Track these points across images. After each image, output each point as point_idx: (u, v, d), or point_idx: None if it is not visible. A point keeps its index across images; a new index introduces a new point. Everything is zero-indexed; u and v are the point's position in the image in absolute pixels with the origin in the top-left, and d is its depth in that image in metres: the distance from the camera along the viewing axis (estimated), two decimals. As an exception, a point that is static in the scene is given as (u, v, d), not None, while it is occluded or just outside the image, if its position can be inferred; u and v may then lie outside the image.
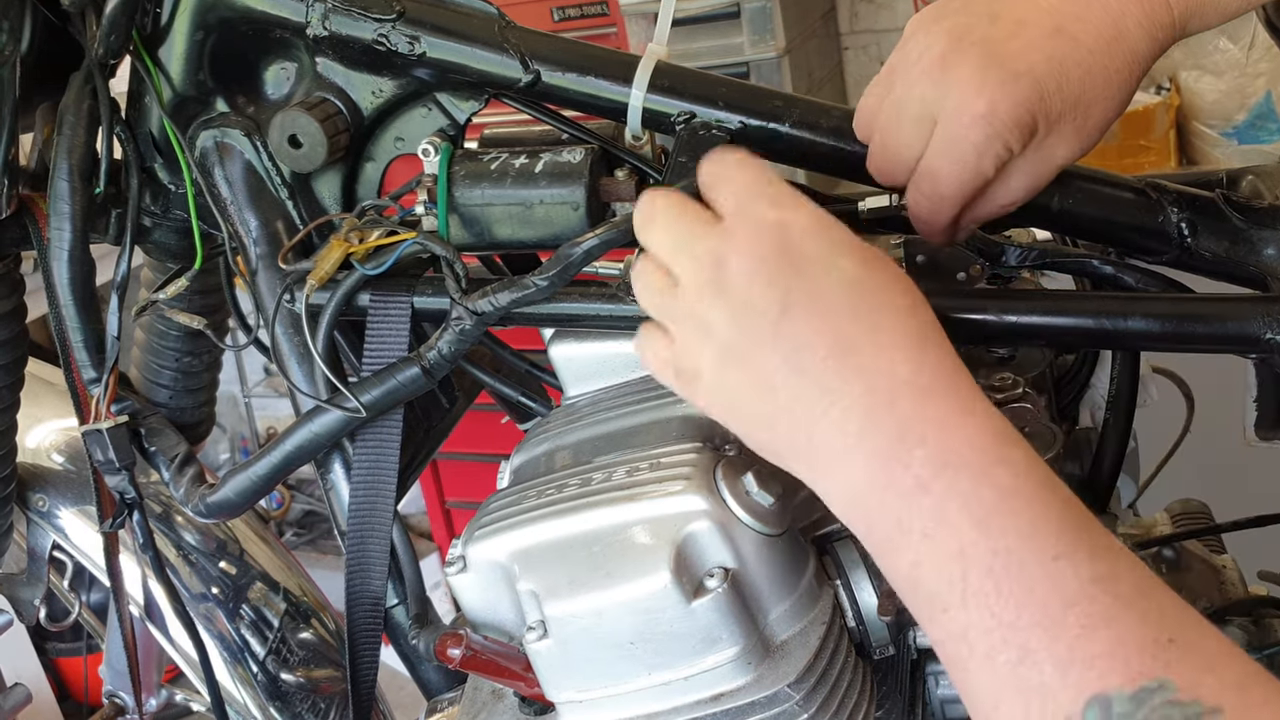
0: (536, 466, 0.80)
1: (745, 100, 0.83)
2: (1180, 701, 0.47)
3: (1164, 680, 0.48)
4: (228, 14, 0.90)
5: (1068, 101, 0.69)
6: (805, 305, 0.60)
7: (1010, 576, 0.52)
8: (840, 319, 0.60)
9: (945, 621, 0.54)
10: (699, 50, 2.68)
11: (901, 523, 0.56)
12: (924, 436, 0.56)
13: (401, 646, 0.94)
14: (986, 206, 0.74)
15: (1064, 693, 0.50)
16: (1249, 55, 2.55)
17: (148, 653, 1.37)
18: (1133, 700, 0.48)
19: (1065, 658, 0.50)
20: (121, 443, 0.95)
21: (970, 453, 0.56)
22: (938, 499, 0.55)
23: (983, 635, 0.52)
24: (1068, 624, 0.51)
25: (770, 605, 0.69)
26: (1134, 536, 1.08)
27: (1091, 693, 0.49)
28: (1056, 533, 0.53)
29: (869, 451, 0.57)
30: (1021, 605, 0.52)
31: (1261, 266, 0.79)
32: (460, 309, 0.83)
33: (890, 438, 0.57)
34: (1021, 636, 0.51)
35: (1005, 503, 0.54)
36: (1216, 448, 1.14)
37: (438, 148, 0.87)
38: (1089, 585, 0.51)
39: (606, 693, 0.70)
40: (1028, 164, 0.72)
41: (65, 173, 0.89)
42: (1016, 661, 0.51)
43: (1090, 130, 0.71)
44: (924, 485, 0.56)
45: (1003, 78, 0.68)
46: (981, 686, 0.53)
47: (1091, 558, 0.52)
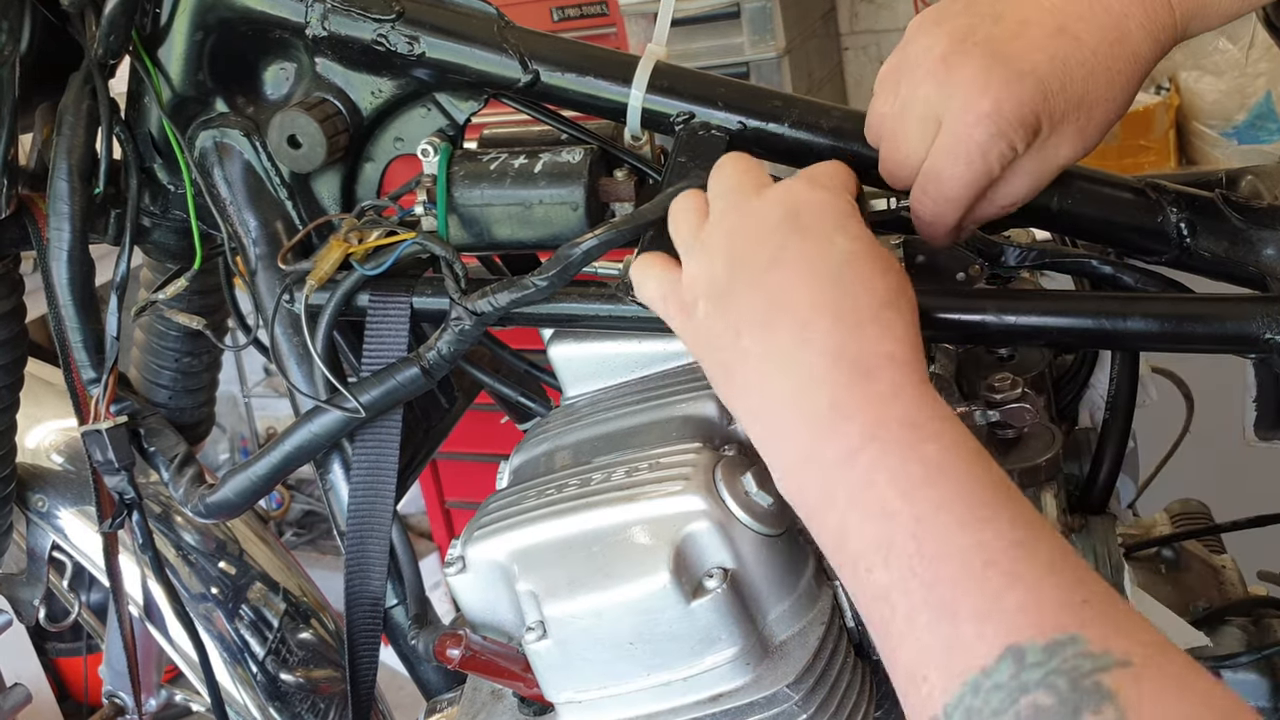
0: (536, 467, 0.80)
1: (745, 100, 0.83)
2: (1092, 653, 0.49)
3: (1076, 634, 0.50)
4: (227, 14, 0.90)
5: (1070, 101, 0.69)
6: (792, 265, 0.64)
7: (933, 538, 0.54)
8: (820, 287, 0.63)
9: (870, 583, 0.56)
10: (699, 50, 2.68)
11: (828, 488, 0.59)
12: (857, 410, 0.59)
13: (401, 647, 0.94)
14: (988, 207, 0.74)
15: (979, 644, 0.51)
16: (1249, 55, 2.55)
17: (147, 653, 1.37)
18: (1045, 650, 0.49)
19: (982, 611, 0.52)
20: (121, 443, 0.95)
21: (900, 428, 0.58)
22: (864, 470, 0.58)
23: (904, 595, 0.54)
24: (987, 581, 0.52)
25: (769, 605, 0.69)
26: (1134, 536, 1.08)
27: (1006, 644, 0.50)
28: (980, 502, 0.55)
29: (806, 415, 0.61)
30: (942, 564, 0.54)
31: (1261, 267, 0.79)
32: (459, 309, 0.83)
33: (826, 406, 0.60)
34: (940, 594, 0.53)
35: (931, 475, 0.56)
36: (1216, 448, 1.14)
37: (437, 148, 0.87)
38: (1010, 548, 0.53)
39: (605, 693, 0.70)
40: (1030, 164, 0.72)
41: (64, 173, 0.89)
42: (936, 618, 0.53)
43: (1092, 131, 0.71)
44: (854, 454, 0.58)
45: (1007, 77, 0.68)
46: (903, 646, 0.54)
47: (1013, 525, 0.54)
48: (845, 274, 0.64)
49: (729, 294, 0.66)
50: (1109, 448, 0.96)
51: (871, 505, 0.57)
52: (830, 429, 0.59)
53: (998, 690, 0.50)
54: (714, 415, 0.76)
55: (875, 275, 0.64)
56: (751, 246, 0.66)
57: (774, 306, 0.64)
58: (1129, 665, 0.48)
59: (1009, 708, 0.49)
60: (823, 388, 0.61)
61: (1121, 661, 0.48)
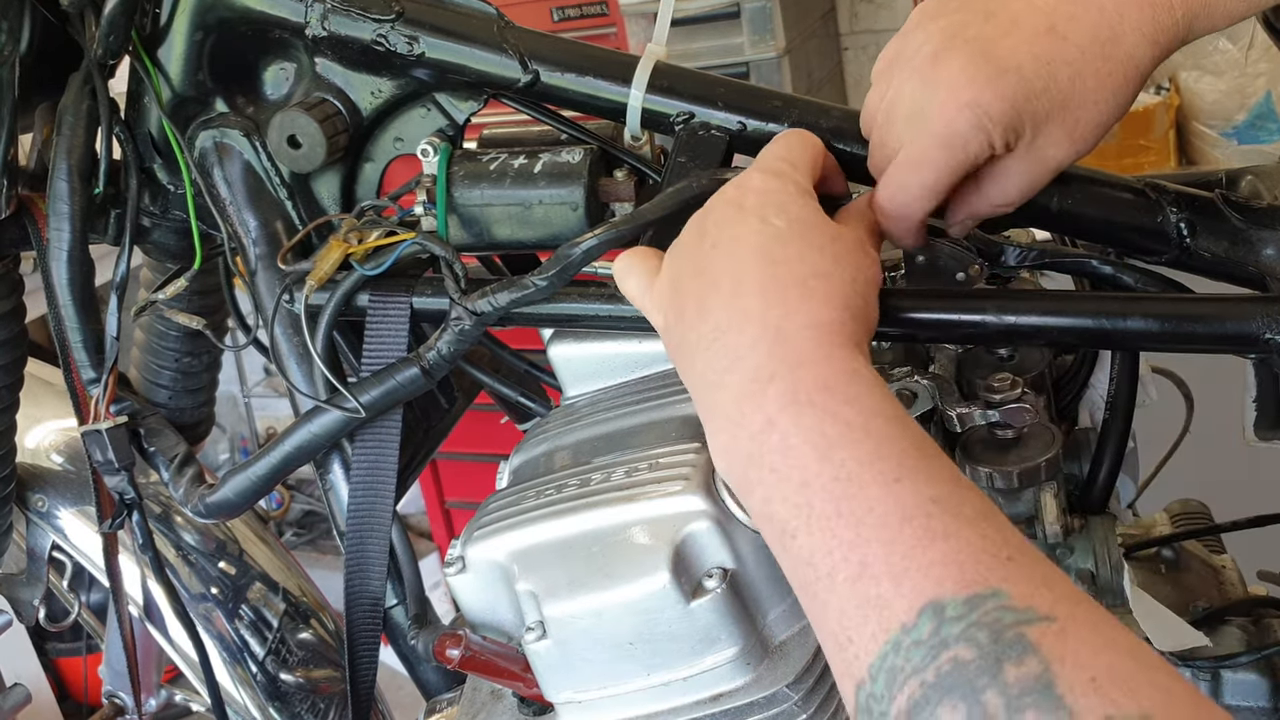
0: (535, 467, 0.80)
1: (744, 100, 0.83)
2: (1014, 608, 0.48)
3: (998, 589, 0.49)
4: (227, 14, 0.90)
5: (1055, 101, 0.69)
6: (727, 246, 0.65)
7: (850, 498, 0.54)
8: (747, 264, 0.64)
9: (794, 548, 0.56)
10: (699, 50, 2.68)
11: (753, 458, 0.59)
12: (774, 375, 0.59)
13: (400, 647, 0.94)
14: (981, 204, 0.75)
15: (899, 601, 0.51)
16: (1249, 55, 2.55)
17: (147, 653, 1.37)
18: (966, 604, 0.49)
19: (900, 568, 0.51)
20: (120, 443, 0.95)
21: (816, 393, 0.58)
22: (783, 434, 0.57)
23: (825, 556, 0.54)
24: (904, 537, 0.52)
25: (769, 605, 0.70)
26: (1134, 536, 1.08)
27: (926, 599, 0.50)
28: (899, 460, 0.55)
29: (731, 389, 0.61)
30: (860, 523, 0.53)
31: (1261, 267, 0.79)
32: (459, 309, 0.83)
33: (747, 376, 0.60)
34: (859, 553, 0.53)
35: (848, 435, 0.56)
36: (1216, 448, 1.14)
37: (437, 148, 0.87)
38: (928, 504, 0.53)
39: (605, 693, 0.70)
40: (1020, 164, 0.72)
41: (64, 173, 0.89)
42: (855, 577, 0.52)
43: (1084, 132, 0.71)
44: (772, 422, 0.58)
45: (990, 73, 0.69)
46: (827, 607, 0.54)
47: (934, 482, 0.54)
48: (773, 249, 0.64)
49: (677, 283, 0.67)
50: (1109, 448, 0.95)
51: (791, 470, 0.56)
52: (751, 400, 0.59)
53: (918, 647, 0.49)
54: (714, 415, 0.76)
55: (809, 249, 0.64)
56: (697, 241, 0.68)
57: (708, 288, 0.65)
58: (1052, 620, 0.48)
59: (930, 664, 0.48)
60: (746, 360, 0.61)
61: (1045, 616, 0.48)
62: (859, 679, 0.51)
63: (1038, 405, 0.85)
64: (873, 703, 0.51)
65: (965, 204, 0.75)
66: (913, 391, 0.86)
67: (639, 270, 0.72)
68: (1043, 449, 0.86)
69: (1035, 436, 0.87)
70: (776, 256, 0.64)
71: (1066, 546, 0.92)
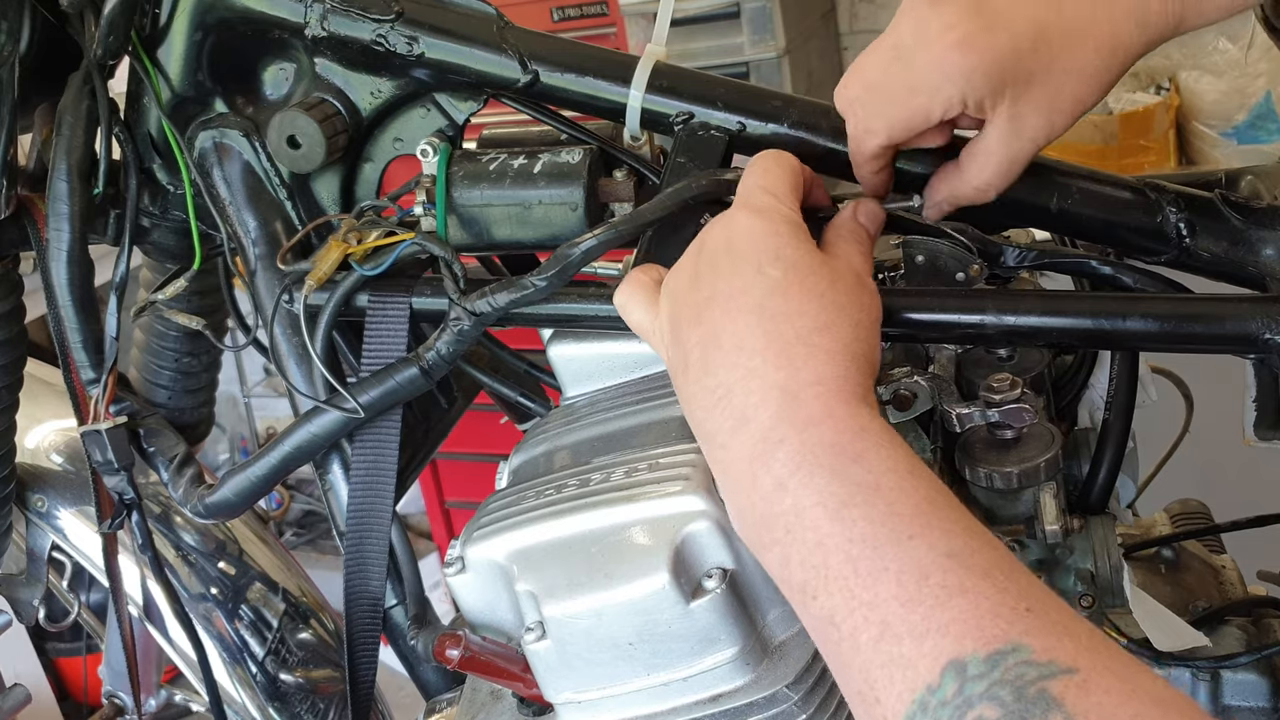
0: (535, 467, 0.80)
1: (744, 100, 0.83)
2: (1036, 662, 0.48)
3: (1019, 644, 0.49)
4: (226, 14, 0.90)
5: (1040, 65, 0.70)
6: (724, 300, 0.65)
7: (865, 558, 0.54)
8: (747, 321, 0.63)
9: (814, 608, 0.56)
10: (699, 50, 2.68)
11: (767, 521, 0.59)
12: (783, 438, 0.59)
13: (400, 647, 0.94)
14: (960, 185, 0.75)
15: (922, 661, 0.50)
16: (1249, 55, 2.55)
17: (147, 653, 1.37)
18: (987, 662, 0.49)
19: (921, 627, 0.51)
20: (120, 443, 0.95)
21: (824, 453, 0.58)
22: (795, 497, 0.57)
23: (846, 616, 0.54)
24: (922, 596, 0.52)
25: (768, 606, 0.69)
26: (1133, 536, 1.08)
27: (948, 658, 0.50)
28: (911, 516, 0.55)
29: (740, 450, 0.61)
30: (878, 583, 0.53)
31: (1260, 267, 0.79)
32: (458, 309, 0.83)
33: (756, 438, 0.60)
34: (880, 613, 0.53)
35: (859, 495, 0.56)
36: (1215, 448, 1.14)
37: (436, 148, 0.87)
38: (943, 559, 0.53)
39: (605, 693, 0.70)
40: (998, 135, 0.72)
41: (64, 173, 0.89)
42: (878, 637, 0.52)
43: (1063, 105, 0.71)
44: (782, 485, 0.58)
45: (982, 25, 0.70)
46: (852, 666, 0.54)
47: (947, 536, 0.54)
48: (770, 304, 0.63)
49: (676, 334, 0.67)
50: (1108, 448, 0.95)
51: (806, 532, 0.56)
52: (760, 461, 0.59)
53: (944, 707, 0.49)
54: (713, 415, 0.76)
55: (808, 300, 0.64)
56: (692, 286, 0.67)
57: (708, 344, 0.64)
58: (1075, 672, 0.47)
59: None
60: (753, 422, 0.61)
61: (1067, 669, 0.48)
62: None
63: (1037, 405, 0.85)
64: None
65: (945, 183, 0.76)
66: (912, 392, 0.86)
67: (641, 302, 0.72)
68: (1042, 449, 0.86)
69: (1035, 437, 0.87)
70: (776, 311, 0.63)
71: (1066, 547, 0.92)
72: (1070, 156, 0.81)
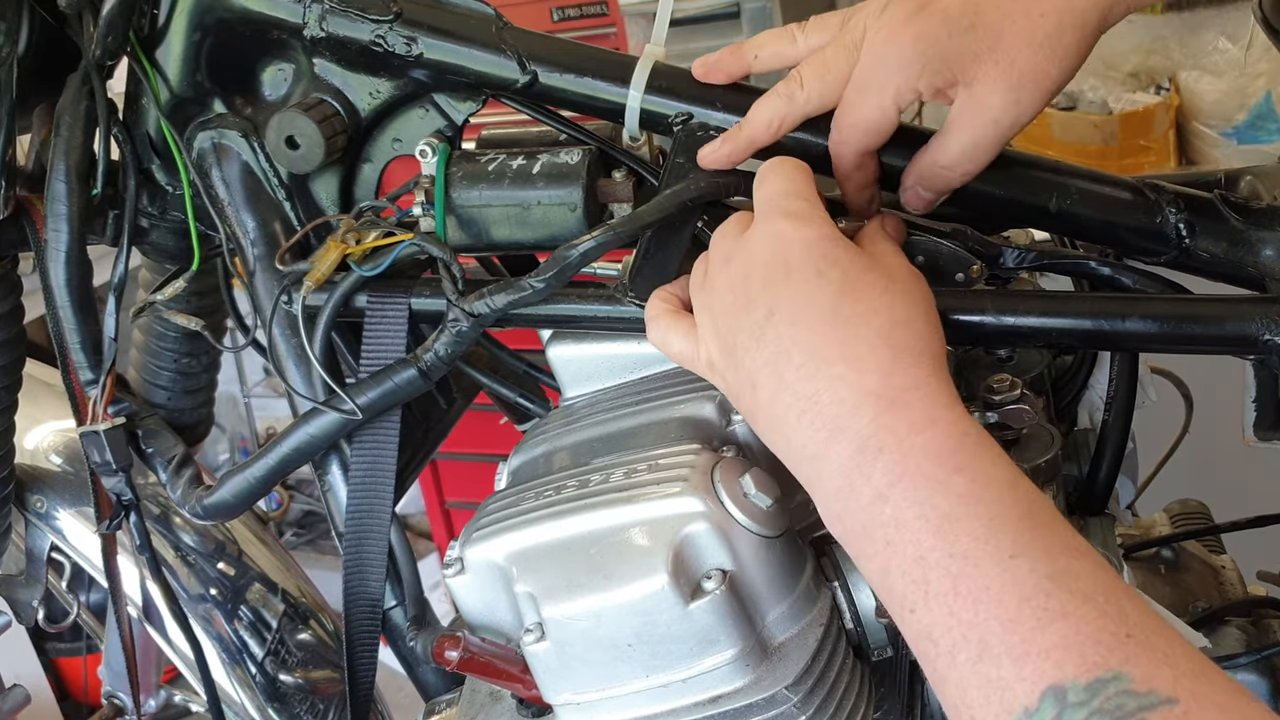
0: (535, 468, 0.80)
1: (743, 101, 0.82)
2: (1136, 692, 0.48)
3: (1119, 672, 0.49)
4: (225, 15, 0.90)
5: (983, 42, 0.69)
6: (788, 312, 0.63)
7: (967, 576, 0.53)
8: (819, 329, 0.62)
9: (913, 622, 0.55)
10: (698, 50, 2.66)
11: (867, 531, 0.58)
12: (883, 447, 0.58)
13: (399, 648, 0.94)
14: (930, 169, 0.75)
15: (1020, 685, 0.50)
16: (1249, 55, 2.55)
17: (146, 654, 1.37)
18: (1088, 690, 0.48)
19: (1020, 651, 0.51)
20: (119, 444, 0.95)
21: (927, 463, 0.57)
22: (895, 508, 0.57)
23: (945, 633, 0.53)
24: (1023, 618, 0.51)
25: (768, 607, 0.69)
26: (1133, 537, 1.08)
27: (1048, 683, 0.49)
28: (1014, 534, 0.54)
29: (836, 460, 0.60)
30: (978, 603, 0.53)
31: (1260, 267, 0.79)
32: (457, 311, 0.83)
33: (853, 448, 0.59)
34: (979, 633, 0.52)
35: (961, 508, 0.55)
36: (1215, 448, 1.14)
37: (435, 149, 0.87)
38: (1045, 581, 0.52)
39: (604, 695, 0.70)
40: (960, 112, 0.72)
41: (62, 174, 0.89)
42: (976, 658, 0.52)
43: (1020, 79, 0.70)
44: (883, 495, 0.57)
45: (911, 11, 0.70)
46: (948, 683, 0.53)
47: (1049, 556, 0.53)
48: (841, 309, 0.63)
49: (735, 349, 0.66)
50: (1108, 448, 0.95)
51: (906, 545, 0.56)
52: (859, 471, 0.58)
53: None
54: (713, 416, 0.76)
55: (875, 296, 0.63)
56: (743, 306, 0.65)
57: (779, 356, 0.63)
58: (1175, 703, 0.47)
59: None
60: (848, 431, 0.60)
61: (1168, 699, 0.47)
62: None
63: (1037, 406, 0.85)
64: None
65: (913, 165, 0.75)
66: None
67: (679, 332, 0.71)
68: (1042, 450, 0.86)
69: (1034, 437, 0.87)
70: (849, 315, 0.62)
71: (1066, 547, 0.92)
72: (1070, 156, 0.81)
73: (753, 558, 0.68)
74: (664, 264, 0.78)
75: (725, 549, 0.68)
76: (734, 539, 0.68)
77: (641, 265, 0.78)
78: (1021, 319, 0.75)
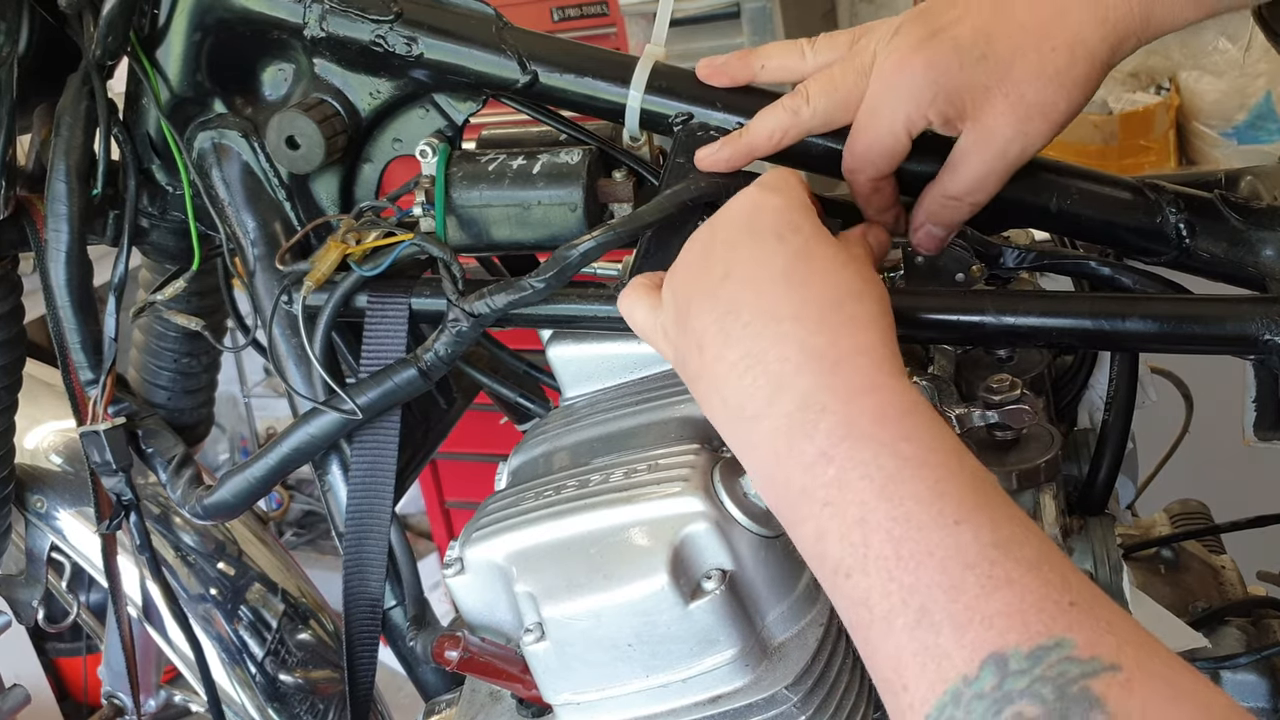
0: (534, 468, 0.80)
1: (743, 101, 0.83)
2: (1079, 659, 0.47)
3: (1063, 638, 0.48)
4: (225, 15, 0.90)
5: (994, 74, 0.69)
6: (745, 272, 0.63)
7: (910, 540, 0.52)
8: (770, 289, 0.62)
9: (848, 588, 0.54)
10: (698, 50, 2.67)
11: (806, 492, 0.57)
12: (826, 406, 0.58)
13: (399, 648, 0.94)
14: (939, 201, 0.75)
15: (960, 652, 0.49)
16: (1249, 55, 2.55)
17: (146, 654, 1.37)
18: (1030, 658, 0.47)
19: (963, 618, 0.50)
20: (119, 444, 0.95)
21: (872, 425, 0.56)
22: (839, 469, 0.56)
23: (882, 599, 0.52)
24: (966, 585, 0.50)
25: (768, 607, 0.69)
26: (1133, 537, 1.08)
27: (988, 651, 0.48)
28: (958, 500, 0.53)
29: (775, 419, 0.59)
30: (920, 567, 0.52)
31: (1260, 267, 0.79)
32: (457, 311, 0.83)
33: (795, 405, 0.58)
34: (919, 598, 0.51)
35: (907, 471, 0.54)
36: (1215, 448, 1.14)
37: (435, 149, 0.87)
38: (990, 549, 0.51)
39: (604, 695, 0.70)
40: (968, 142, 0.72)
41: (63, 174, 0.89)
42: (914, 623, 0.51)
43: (1029, 111, 0.70)
44: (826, 455, 0.56)
45: (923, 40, 0.70)
46: (882, 651, 0.52)
47: (994, 524, 0.52)
48: (796, 270, 0.62)
49: (689, 311, 0.65)
50: (1108, 448, 0.95)
51: (848, 506, 0.55)
52: (801, 430, 0.58)
53: (980, 700, 0.48)
54: (712, 416, 0.76)
55: (831, 269, 0.63)
56: (706, 263, 0.66)
57: (729, 314, 0.63)
58: (1118, 670, 0.46)
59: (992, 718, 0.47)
60: (790, 389, 0.59)
61: (1110, 666, 0.46)
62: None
63: (1037, 406, 0.85)
64: None
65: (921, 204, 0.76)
66: (912, 392, 0.86)
67: (644, 304, 0.71)
68: (1042, 450, 0.86)
69: (1034, 438, 0.87)
70: (804, 277, 0.62)
71: (1065, 548, 0.92)
72: (1070, 156, 0.81)
73: (752, 557, 0.68)
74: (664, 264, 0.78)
75: (725, 549, 0.68)
76: (734, 539, 0.68)
77: (641, 265, 0.78)
78: (1021, 319, 0.75)
